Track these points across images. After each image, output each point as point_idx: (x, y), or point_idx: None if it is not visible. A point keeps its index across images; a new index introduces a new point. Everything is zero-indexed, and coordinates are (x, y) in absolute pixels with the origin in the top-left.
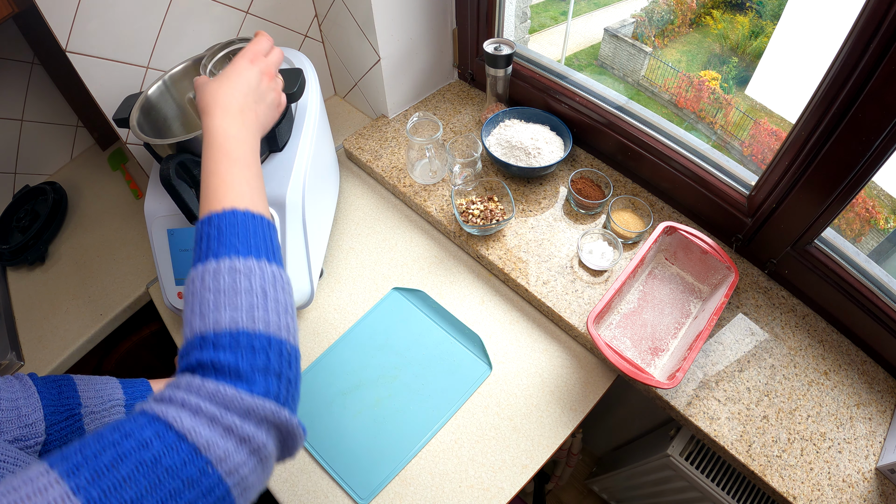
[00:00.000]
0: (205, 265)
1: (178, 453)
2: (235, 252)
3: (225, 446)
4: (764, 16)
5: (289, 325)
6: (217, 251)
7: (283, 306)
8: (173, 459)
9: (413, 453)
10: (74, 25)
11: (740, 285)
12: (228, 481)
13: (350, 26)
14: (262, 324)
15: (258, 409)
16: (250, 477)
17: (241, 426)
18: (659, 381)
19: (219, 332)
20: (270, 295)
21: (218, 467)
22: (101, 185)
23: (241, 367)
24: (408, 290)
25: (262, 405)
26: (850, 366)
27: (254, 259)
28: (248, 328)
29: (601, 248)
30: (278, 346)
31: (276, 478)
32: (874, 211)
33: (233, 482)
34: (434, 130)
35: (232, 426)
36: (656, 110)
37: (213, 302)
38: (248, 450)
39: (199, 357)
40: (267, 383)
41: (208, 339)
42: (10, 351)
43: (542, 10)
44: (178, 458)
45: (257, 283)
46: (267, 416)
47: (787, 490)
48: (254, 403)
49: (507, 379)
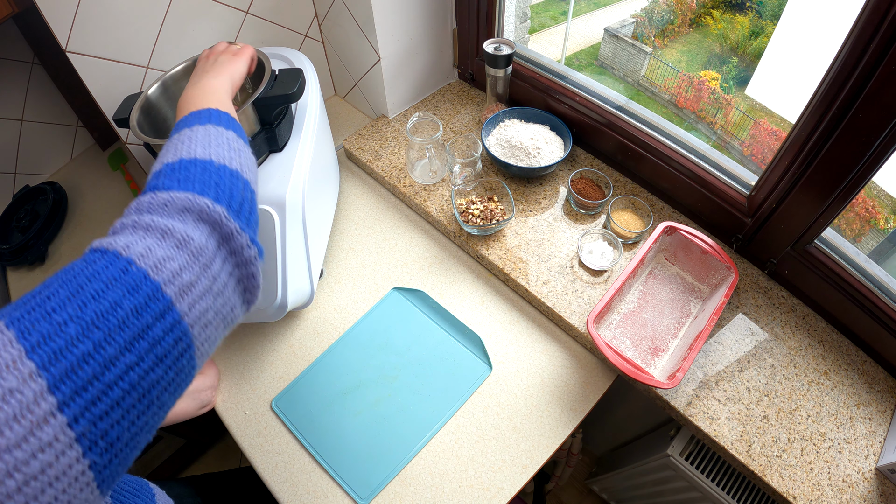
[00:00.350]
0: (192, 128)
1: (101, 262)
2: (229, 125)
3: (147, 243)
4: (764, 16)
5: (248, 167)
6: (216, 119)
7: (242, 154)
8: (94, 268)
9: (413, 453)
10: (74, 25)
11: (740, 285)
12: (157, 278)
13: (350, 26)
14: (216, 156)
15: (181, 202)
16: (186, 274)
17: (161, 221)
18: (659, 381)
19: (172, 162)
20: (232, 145)
21: (141, 263)
22: (101, 185)
23: (179, 175)
24: (408, 290)
25: (188, 199)
26: (850, 366)
27: (234, 132)
28: (202, 157)
29: (601, 248)
30: (227, 171)
31: (276, 477)
32: (874, 211)
33: (163, 279)
34: (434, 130)
35: (151, 224)
36: (656, 110)
37: (172, 147)
38: (174, 243)
39: (152, 183)
40: (204, 187)
41: (162, 170)
42: None
43: (542, 10)
44: (99, 266)
45: (221, 138)
46: (189, 207)
47: (787, 490)
48: (180, 198)
49: (507, 379)
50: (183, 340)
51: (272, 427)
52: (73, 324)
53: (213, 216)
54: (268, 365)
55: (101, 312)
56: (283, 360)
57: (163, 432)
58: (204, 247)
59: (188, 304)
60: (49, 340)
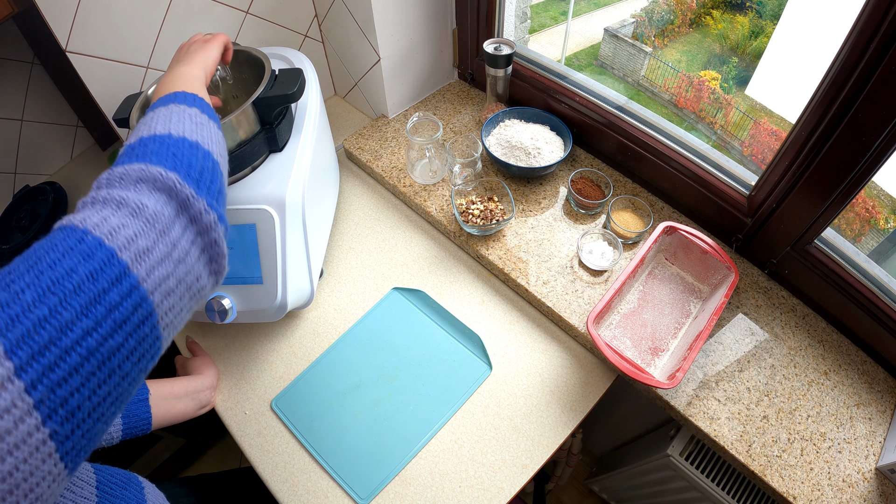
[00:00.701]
0: (155, 110)
1: (60, 236)
2: (193, 103)
3: (103, 214)
4: (764, 16)
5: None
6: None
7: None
8: (53, 242)
9: (413, 453)
10: (74, 25)
11: (740, 285)
12: (111, 244)
13: (350, 26)
14: (189, 133)
15: (138, 173)
16: (141, 240)
17: (117, 192)
18: (659, 381)
19: (142, 137)
20: (203, 124)
21: (95, 232)
22: None
23: (144, 149)
24: (408, 290)
25: (145, 170)
26: (850, 366)
27: (197, 108)
28: (174, 133)
29: (601, 248)
30: (196, 146)
31: (276, 477)
32: (874, 211)
33: (118, 245)
34: (434, 130)
35: (108, 197)
36: (656, 110)
37: (145, 125)
38: (129, 212)
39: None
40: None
41: (132, 144)
42: None
43: (542, 10)
44: (58, 240)
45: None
46: (145, 178)
47: (787, 490)
48: (138, 170)
49: (507, 379)
50: (143, 307)
51: (272, 427)
52: (29, 291)
53: (167, 183)
54: (268, 365)
55: (57, 279)
56: (283, 360)
57: (163, 432)
58: (160, 213)
59: (146, 269)
60: (6, 307)
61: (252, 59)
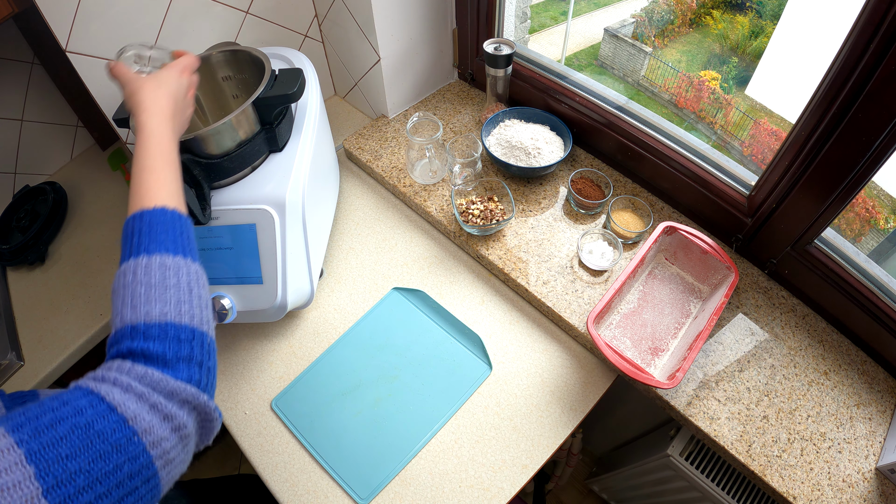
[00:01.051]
0: (136, 260)
1: (108, 421)
2: (165, 249)
3: (150, 420)
4: (764, 16)
5: (209, 319)
6: (148, 247)
7: (205, 302)
8: (103, 425)
9: (413, 453)
10: (74, 25)
11: (740, 285)
12: (152, 452)
13: (350, 26)
14: (188, 318)
15: (181, 392)
16: (172, 452)
17: (166, 405)
18: (659, 381)
19: (149, 323)
20: (195, 291)
21: (143, 438)
22: (101, 185)
23: (168, 355)
24: (408, 290)
25: (184, 389)
26: (850, 366)
27: (181, 257)
28: (176, 321)
29: (601, 248)
30: (201, 339)
31: (277, 477)
32: (874, 211)
33: (156, 454)
34: (434, 130)
35: (157, 404)
36: (656, 110)
37: (144, 295)
38: (171, 427)
39: (130, 345)
40: (190, 371)
41: (139, 329)
42: (10, 351)
43: (542, 10)
44: (108, 425)
45: (184, 280)
46: (188, 399)
47: (787, 490)
48: (177, 387)
49: (507, 379)
50: (155, 489)
51: (272, 427)
52: (82, 476)
53: (199, 402)
54: (268, 365)
55: (107, 472)
56: (283, 360)
57: None
58: (189, 429)
59: (167, 471)
60: (62, 485)
61: (252, 59)
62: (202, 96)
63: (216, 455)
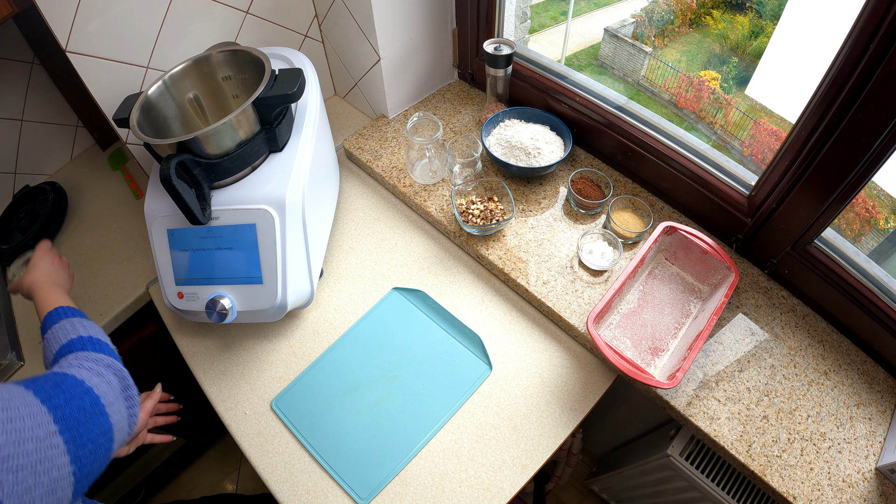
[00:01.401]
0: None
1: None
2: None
3: (101, 381)
4: (764, 16)
5: None
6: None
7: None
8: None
9: (413, 453)
10: (74, 25)
11: (740, 285)
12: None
13: (350, 26)
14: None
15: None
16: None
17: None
18: (659, 381)
19: (84, 336)
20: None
21: (102, 401)
22: (101, 185)
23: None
24: (408, 290)
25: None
26: (850, 366)
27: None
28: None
29: (601, 248)
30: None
31: (276, 477)
32: (874, 211)
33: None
34: (434, 130)
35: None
36: (656, 110)
37: None
38: (121, 386)
39: (71, 346)
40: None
41: (77, 339)
42: (10, 351)
43: (542, 10)
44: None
45: None
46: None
47: (787, 490)
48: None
49: (507, 379)
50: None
51: (272, 427)
52: None
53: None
54: (268, 365)
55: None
56: (283, 360)
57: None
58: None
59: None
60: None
61: (252, 59)
62: (202, 96)
63: (216, 454)
